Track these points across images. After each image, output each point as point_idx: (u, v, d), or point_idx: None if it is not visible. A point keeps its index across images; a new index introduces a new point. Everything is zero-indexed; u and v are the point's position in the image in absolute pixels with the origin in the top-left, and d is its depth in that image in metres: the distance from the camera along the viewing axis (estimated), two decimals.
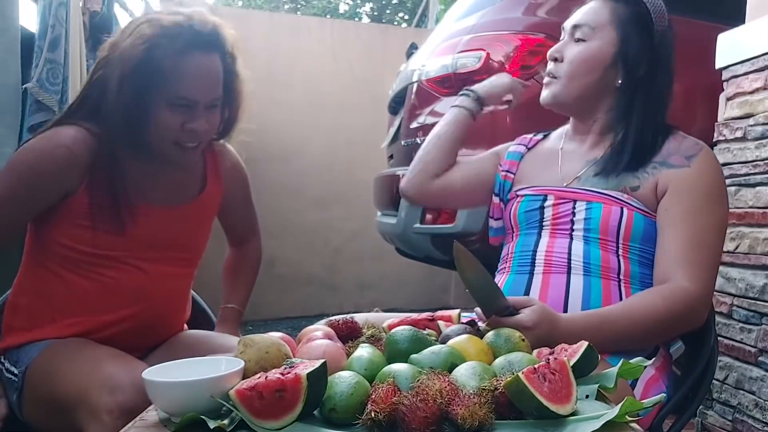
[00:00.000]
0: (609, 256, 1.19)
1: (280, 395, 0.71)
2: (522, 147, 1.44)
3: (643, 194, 1.20)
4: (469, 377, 0.77)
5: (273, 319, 4.73)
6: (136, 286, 1.28)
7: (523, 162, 1.41)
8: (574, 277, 1.19)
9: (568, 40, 1.31)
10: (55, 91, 2.29)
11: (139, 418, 0.80)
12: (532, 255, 1.25)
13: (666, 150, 1.23)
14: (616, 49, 1.26)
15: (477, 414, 0.68)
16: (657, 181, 1.20)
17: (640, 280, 1.19)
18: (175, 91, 1.19)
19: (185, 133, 1.23)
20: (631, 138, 1.24)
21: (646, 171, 1.21)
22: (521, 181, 1.38)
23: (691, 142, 1.24)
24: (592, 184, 1.24)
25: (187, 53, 1.19)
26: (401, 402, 0.70)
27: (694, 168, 1.19)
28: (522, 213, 1.31)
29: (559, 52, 1.31)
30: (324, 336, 0.96)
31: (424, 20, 6.55)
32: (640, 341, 1.12)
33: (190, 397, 0.74)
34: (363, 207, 4.46)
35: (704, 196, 1.18)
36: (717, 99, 1.93)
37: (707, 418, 1.93)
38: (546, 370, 0.73)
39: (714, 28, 1.95)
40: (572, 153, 1.34)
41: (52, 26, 2.29)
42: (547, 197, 1.28)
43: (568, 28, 1.32)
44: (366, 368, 0.83)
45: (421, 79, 2.72)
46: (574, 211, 1.24)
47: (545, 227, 1.27)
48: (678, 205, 1.17)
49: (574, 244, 1.21)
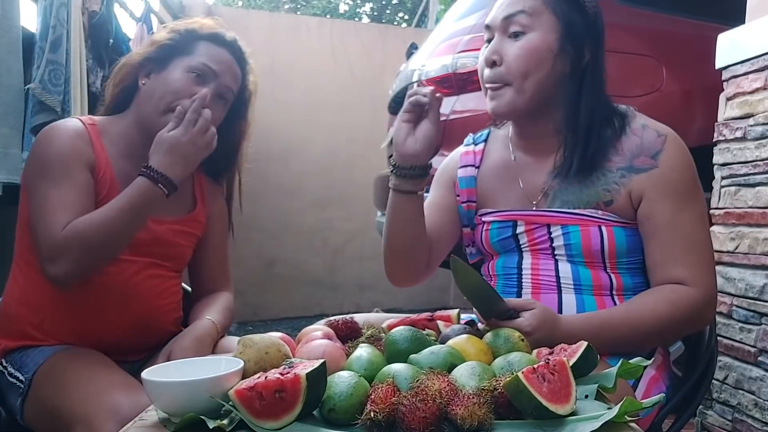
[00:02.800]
0: (599, 273, 1.15)
1: (280, 395, 0.71)
2: (471, 168, 1.32)
3: (618, 207, 1.13)
4: (468, 377, 0.77)
5: (273, 319, 4.74)
6: (124, 282, 1.26)
7: (479, 184, 1.30)
8: (565, 295, 1.15)
9: (501, 38, 1.16)
10: (57, 92, 2.29)
11: (138, 418, 0.80)
12: (518, 274, 1.20)
13: (628, 150, 1.14)
14: (558, 34, 1.14)
15: (476, 414, 0.69)
16: (630, 191, 1.13)
17: (633, 291, 1.16)
18: (198, 59, 1.29)
19: (188, 101, 1.23)
20: (587, 129, 1.15)
21: (615, 182, 1.13)
22: (484, 204, 1.29)
23: (652, 134, 1.15)
24: (562, 203, 1.16)
25: (221, 46, 1.33)
26: (400, 402, 0.70)
27: (663, 166, 1.12)
28: (495, 242, 1.24)
29: (498, 54, 1.15)
30: (323, 336, 0.96)
31: (424, 20, 6.55)
32: (641, 345, 1.10)
33: (189, 397, 0.74)
34: (363, 207, 4.47)
35: (681, 194, 1.12)
36: (716, 99, 1.93)
37: (707, 418, 1.93)
38: (545, 371, 0.73)
39: (714, 28, 1.95)
40: (529, 164, 1.23)
41: (53, 27, 2.28)
42: (517, 224, 1.21)
43: (497, 24, 1.16)
44: (365, 368, 0.83)
45: (421, 79, 2.72)
46: (550, 235, 1.17)
47: (524, 249, 1.21)
48: (659, 212, 1.11)
49: (560, 265, 1.16)
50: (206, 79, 1.28)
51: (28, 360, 1.23)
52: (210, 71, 1.28)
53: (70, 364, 1.19)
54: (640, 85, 2.33)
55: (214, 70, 1.29)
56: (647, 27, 2.46)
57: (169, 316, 1.37)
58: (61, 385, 1.15)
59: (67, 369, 1.18)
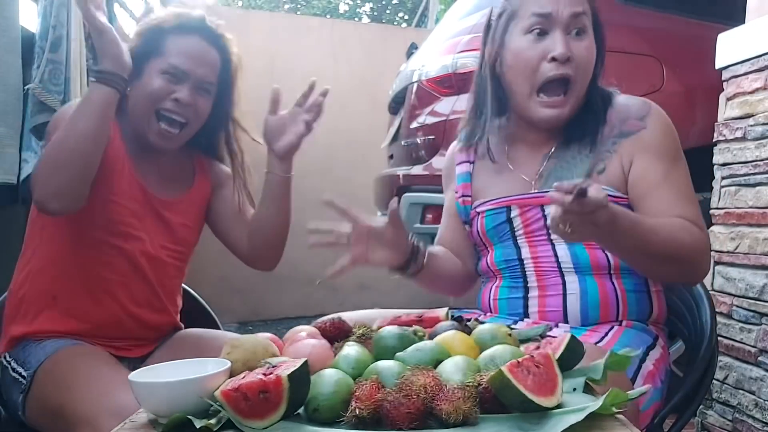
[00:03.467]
0: (595, 252, 1.17)
1: (264, 396, 0.71)
2: (466, 164, 1.34)
3: (610, 174, 1.16)
4: (453, 372, 0.77)
5: (273, 319, 4.73)
6: (134, 259, 1.31)
7: (474, 178, 1.32)
8: (568, 277, 1.18)
9: (564, 34, 1.13)
10: (57, 91, 2.28)
11: (128, 420, 0.80)
12: (520, 265, 1.22)
13: (616, 118, 1.18)
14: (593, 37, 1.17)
15: (461, 408, 0.68)
16: (621, 156, 1.16)
17: (630, 270, 1.18)
18: (167, 61, 1.28)
19: (170, 102, 1.27)
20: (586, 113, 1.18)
21: (607, 150, 1.17)
22: (478, 197, 1.31)
23: (638, 101, 1.20)
24: (556, 179, 1.12)
25: (188, 34, 1.30)
26: (385, 398, 0.70)
27: (651, 126, 1.16)
28: (490, 229, 1.25)
29: (570, 51, 1.12)
30: (308, 336, 0.96)
31: (424, 20, 6.54)
32: (659, 258, 1.07)
33: (175, 398, 0.75)
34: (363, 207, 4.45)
35: (670, 153, 1.16)
36: (716, 99, 1.93)
37: (707, 418, 1.93)
38: (530, 363, 0.73)
39: (714, 28, 1.95)
40: (524, 153, 1.26)
41: (53, 27, 2.28)
42: (511, 208, 1.23)
43: (564, 18, 1.12)
44: (353, 367, 0.83)
45: (421, 79, 2.72)
46: (544, 214, 1.19)
47: (519, 237, 1.23)
48: (652, 170, 1.14)
49: (558, 248, 1.19)
50: (180, 78, 1.29)
51: (30, 356, 1.23)
52: (180, 71, 1.28)
53: (73, 361, 1.20)
54: (640, 85, 2.33)
55: (184, 70, 1.28)
56: (647, 26, 2.46)
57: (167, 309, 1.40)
58: (64, 383, 1.15)
59: (70, 366, 1.18)
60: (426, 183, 2.52)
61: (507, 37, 1.18)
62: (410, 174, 2.71)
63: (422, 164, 2.64)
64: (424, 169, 2.60)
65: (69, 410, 1.11)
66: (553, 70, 1.13)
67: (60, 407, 1.13)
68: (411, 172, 2.70)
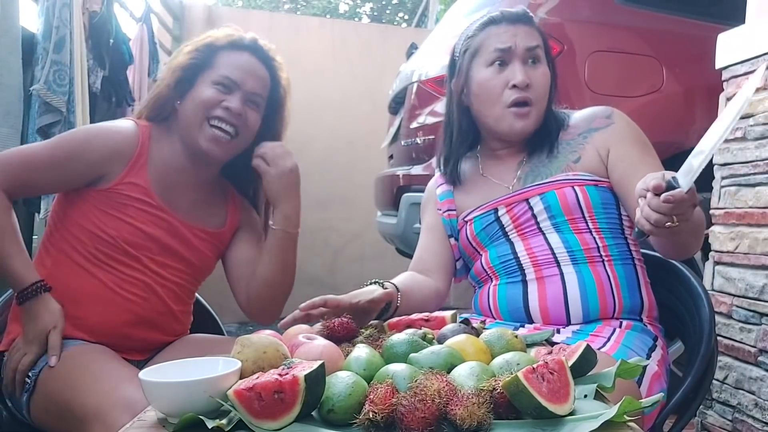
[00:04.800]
0: (584, 236, 1.23)
1: (279, 396, 0.71)
2: (446, 185, 1.42)
3: (586, 161, 1.26)
4: (467, 377, 0.77)
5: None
6: (146, 283, 1.31)
7: (456, 195, 1.40)
8: (565, 267, 1.21)
9: (522, 64, 1.28)
10: (62, 92, 2.29)
11: (137, 418, 0.80)
12: (516, 260, 1.26)
13: (581, 122, 1.32)
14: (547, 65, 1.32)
15: (475, 414, 0.68)
16: (595, 146, 1.27)
17: (618, 251, 1.24)
18: (219, 72, 1.30)
19: (221, 110, 1.29)
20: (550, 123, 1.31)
21: (579, 143, 1.28)
22: (463, 208, 1.37)
23: (600, 107, 1.34)
24: (535, 177, 1.29)
25: (240, 51, 1.34)
26: (399, 402, 0.70)
27: (618, 123, 1.29)
28: (480, 231, 1.31)
29: (528, 78, 1.27)
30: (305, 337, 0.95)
31: (424, 20, 6.55)
32: (700, 220, 1.14)
33: (187, 398, 0.74)
34: (363, 207, 4.46)
35: (642, 140, 1.28)
36: (716, 99, 1.93)
37: (707, 418, 1.93)
38: (544, 370, 0.73)
39: (714, 28, 1.95)
40: (498, 166, 1.36)
41: (56, 27, 2.28)
42: (498, 209, 1.30)
43: (520, 52, 1.28)
44: (365, 368, 0.83)
45: (421, 79, 2.72)
46: (530, 207, 1.26)
47: (511, 233, 1.28)
48: (630, 154, 1.24)
49: (549, 237, 1.24)
50: (230, 89, 1.30)
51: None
52: (231, 81, 1.30)
53: (79, 358, 1.20)
54: (640, 85, 2.33)
55: (234, 80, 1.30)
56: (647, 27, 2.46)
57: (177, 327, 1.40)
58: (71, 381, 1.15)
59: (77, 363, 1.18)
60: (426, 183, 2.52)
61: (472, 70, 1.31)
62: (410, 174, 2.71)
63: (422, 164, 2.64)
64: (424, 169, 2.60)
65: (78, 406, 1.10)
66: (515, 95, 1.27)
67: (67, 404, 1.12)
68: (411, 172, 2.70)
